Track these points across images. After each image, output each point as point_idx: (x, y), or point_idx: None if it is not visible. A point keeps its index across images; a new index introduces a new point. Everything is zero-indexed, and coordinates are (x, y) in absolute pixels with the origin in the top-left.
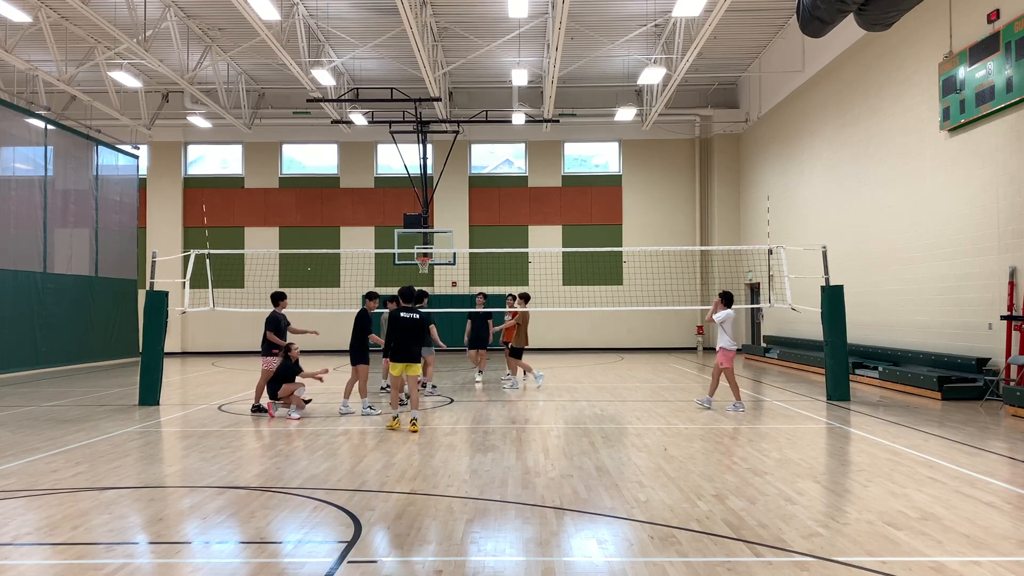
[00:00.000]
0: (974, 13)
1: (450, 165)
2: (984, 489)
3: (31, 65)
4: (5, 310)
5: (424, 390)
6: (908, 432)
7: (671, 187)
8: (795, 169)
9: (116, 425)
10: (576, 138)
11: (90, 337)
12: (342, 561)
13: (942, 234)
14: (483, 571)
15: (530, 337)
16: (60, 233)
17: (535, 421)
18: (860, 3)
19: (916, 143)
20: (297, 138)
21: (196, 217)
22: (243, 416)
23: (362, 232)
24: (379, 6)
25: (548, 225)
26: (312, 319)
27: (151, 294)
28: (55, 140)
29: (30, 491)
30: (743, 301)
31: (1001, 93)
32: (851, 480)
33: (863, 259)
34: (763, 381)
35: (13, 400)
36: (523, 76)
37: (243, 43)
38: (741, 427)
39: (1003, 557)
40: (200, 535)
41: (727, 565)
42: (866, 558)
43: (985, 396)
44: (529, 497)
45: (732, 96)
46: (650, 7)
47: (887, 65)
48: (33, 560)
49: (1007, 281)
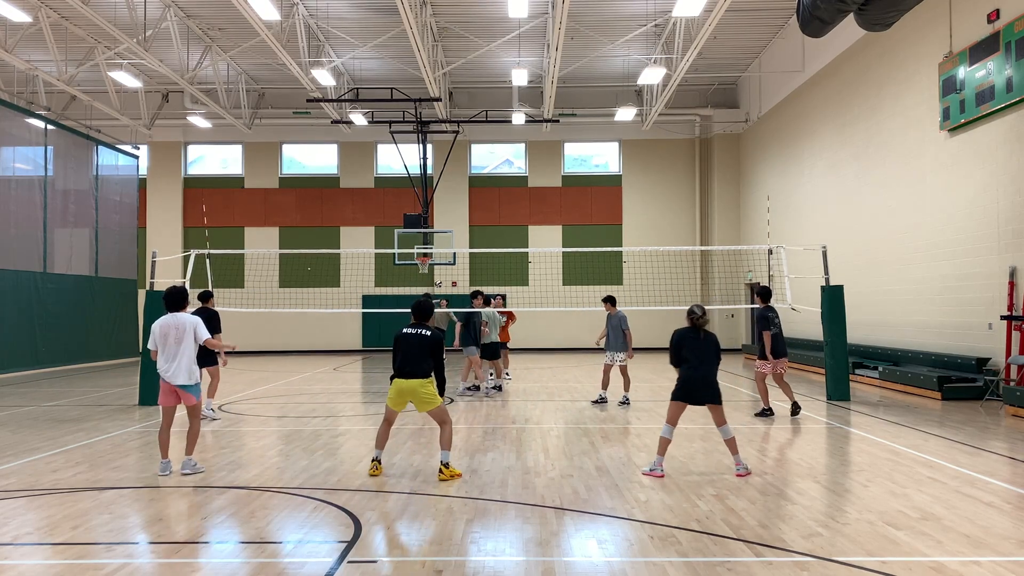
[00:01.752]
0: (974, 13)
1: (450, 165)
2: (984, 489)
3: (31, 65)
4: (5, 310)
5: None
6: (908, 432)
7: (671, 187)
8: (795, 169)
9: (116, 425)
10: (576, 138)
11: (90, 337)
12: (342, 561)
13: (942, 234)
14: (483, 571)
15: (530, 337)
16: (60, 233)
17: (535, 421)
18: (860, 3)
19: (916, 143)
20: (297, 138)
21: (196, 217)
22: (243, 416)
23: (362, 232)
24: (379, 6)
25: (548, 225)
26: (312, 319)
27: (151, 294)
28: (55, 140)
29: (30, 491)
30: (743, 301)
31: (1001, 93)
32: (851, 480)
33: (863, 259)
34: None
35: (13, 400)
36: (523, 76)
37: (243, 43)
38: (741, 427)
39: (1003, 557)
40: (200, 535)
41: (727, 565)
42: (866, 558)
43: (985, 396)
44: (529, 497)
45: (732, 96)
46: (650, 7)
47: (887, 65)
48: (33, 560)
49: (1007, 281)
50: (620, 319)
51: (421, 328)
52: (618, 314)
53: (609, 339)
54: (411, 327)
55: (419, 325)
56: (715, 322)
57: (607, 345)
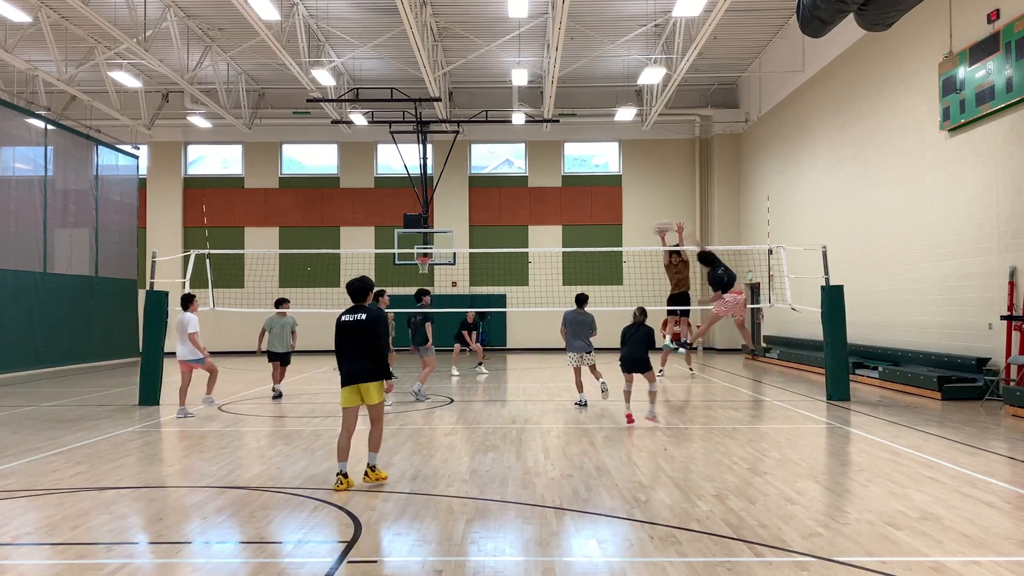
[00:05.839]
0: (974, 13)
1: (450, 165)
2: (984, 489)
3: (31, 65)
4: (5, 310)
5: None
6: (908, 432)
7: (671, 187)
8: (795, 169)
9: (116, 425)
10: (576, 138)
11: (90, 337)
12: (342, 561)
13: (942, 234)
14: (483, 571)
15: (530, 337)
16: (60, 233)
17: (535, 421)
18: (860, 3)
19: (916, 143)
20: (297, 138)
21: (196, 217)
22: (243, 416)
23: (362, 232)
24: (379, 6)
25: (548, 225)
26: (312, 319)
27: (151, 294)
28: (55, 140)
29: (30, 491)
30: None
31: (1001, 93)
32: (851, 480)
33: (863, 259)
34: (763, 381)
35: (13, 400)
36: (523, 76)
37: (243, 43)
38: (741, 427)
39: (1003, 557)
40: (200, 535)
41: (727, 565)
42: (866, 558)
43: (985, 396)
44: (529, 497)
45: (732, 96)
46: (650, 7)
47: (887, 65)
48: (33, 560)
49: (1007, 281)
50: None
51: (359, 312)
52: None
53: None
54: (348, 312)
55: (356, 309)
56: None
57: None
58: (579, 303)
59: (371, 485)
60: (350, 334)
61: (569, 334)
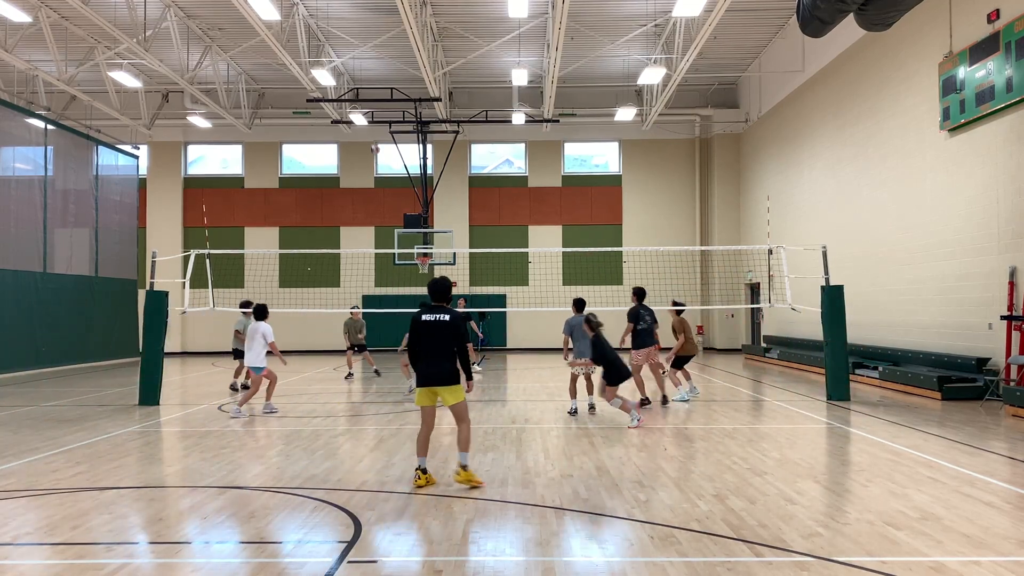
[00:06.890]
0: (974, 13)
1: (450, 165)
2: (984, 489)
3: (31, 65)
4: (5, 310)
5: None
6: (908, 432)
7: (671, 187)
8: (795, 169)
9: (116, 425)
10: (576, 138)
11: (90, 337)
12: (342, 561)
13: (942, 234)
14: (483, 571)
15: (530, 337)
16: (60, 233)
17: (535, 421)
18: (860, 3)
19: (916, 143)
20: (297, 138)
21: (196, 217)
22: (243, 416)
23: (362, 232)
24: (379, 6)
25: (548, 225)
26: (312, 319)
27: (151, 294)
28: (55, 140)
29: (30, 491)
30: (743, 301)
31: (1001, 93)
32: (851, 480)
33: (863, 259)
34: (763, 381)
35: (13, 400)
36: (523, 76)
37: (243, 43)
38: (741, 427)
39: (1003, 557)
40: (200, 535)
41: (727, 565)
42: (866, 558)
43: (985, 396)
44: (529, 497)
45: (732, 96)
46: (650, 7)
47: (887, 65)
48: (33, 560)
49: (1007, 281)
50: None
51: (440, 312)
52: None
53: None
54: (429, 312)
55: (437, 309)
56: (715, 322)
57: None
58: (578, 308)
59: (372, 485)
60: (431, 334)
61: (575, 340)
